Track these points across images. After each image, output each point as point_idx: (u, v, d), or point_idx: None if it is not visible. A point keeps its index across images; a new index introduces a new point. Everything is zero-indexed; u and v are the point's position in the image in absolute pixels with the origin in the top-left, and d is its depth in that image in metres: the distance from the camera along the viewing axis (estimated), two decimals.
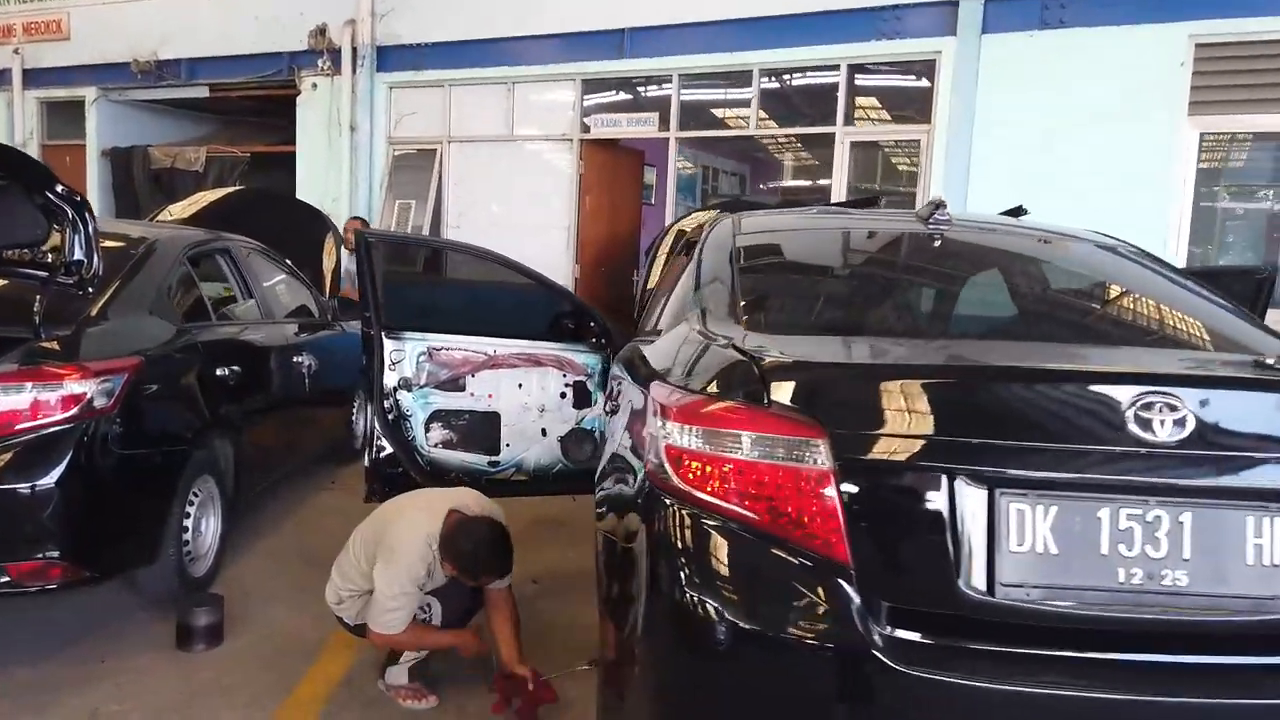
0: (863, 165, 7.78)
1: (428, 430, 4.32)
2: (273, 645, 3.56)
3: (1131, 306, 2.50)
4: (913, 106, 7.65)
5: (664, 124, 8.62)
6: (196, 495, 3.92)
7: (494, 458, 4.40)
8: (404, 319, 4.39)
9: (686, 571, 1.80)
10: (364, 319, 4.18)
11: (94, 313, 3.56)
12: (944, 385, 1.85)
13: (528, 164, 9.23)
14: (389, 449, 4.22)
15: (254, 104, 11.92)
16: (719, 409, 1.81)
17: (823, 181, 8.56)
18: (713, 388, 1.86)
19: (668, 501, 1.87)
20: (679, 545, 1.83)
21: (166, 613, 3.65)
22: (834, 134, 7.58)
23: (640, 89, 9.07)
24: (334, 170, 10.17)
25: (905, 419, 1.73)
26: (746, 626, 1.73)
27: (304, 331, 5.65)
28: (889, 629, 1.69)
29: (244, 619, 3.74)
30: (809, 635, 1.71)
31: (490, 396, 4.37)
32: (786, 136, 11.69)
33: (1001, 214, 3.49)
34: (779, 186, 15.39)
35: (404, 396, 4.25)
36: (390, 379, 4.22)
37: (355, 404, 6.72)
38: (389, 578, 2.99)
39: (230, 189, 8.82)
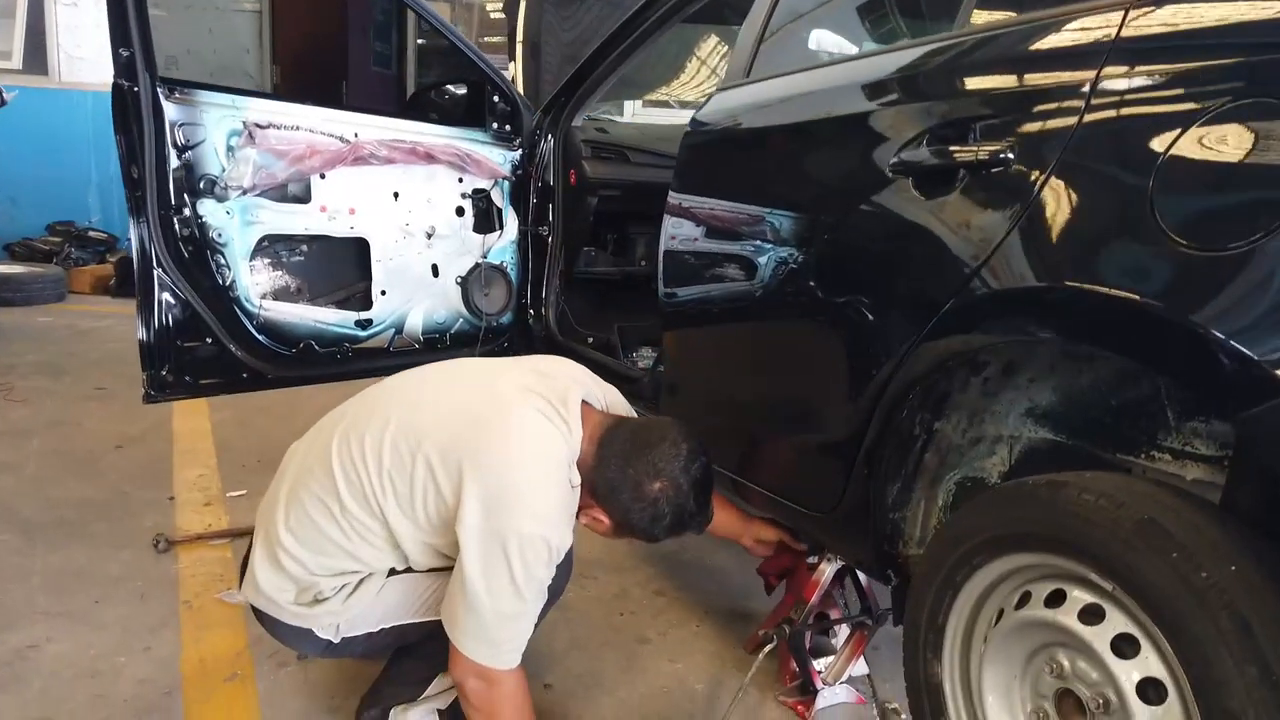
0: None
1: (253, 270, 2.48)
2: None
3: None
4: None
5: None
6: None
7: (364, 314, 2.68)
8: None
9: None
10: (116, 58, 2.18)
11: None
12: None
13: None
14: (182, 306, 2.34)
15: None
16: None
17: None
18: None
19: None
20: None
21: None
22: None
23: None
24: None
25: None
26: None
27: None
28: None
29: None
30: None
31: (352, 213, 2.62)
32: None
33: None
34: None
35: (209, 210, 2.35)
36: (179, 176, 2.30)
37: None
38: (510, 568, 1.36)
39: None
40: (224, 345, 2.40)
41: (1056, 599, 1.25)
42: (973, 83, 1.42)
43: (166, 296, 2.31)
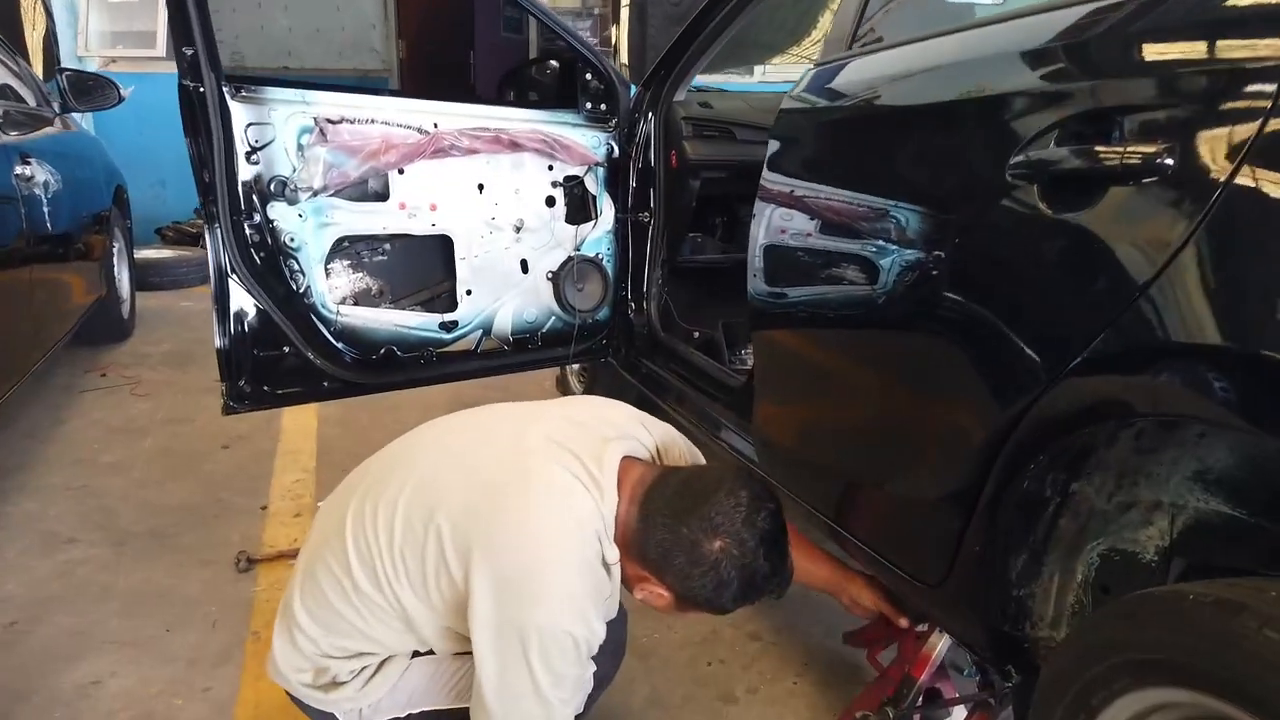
0: None
1: (329, 274, 2.37)
2: None
3: None
4: None
5: None
6: None
7: (449, 316, 2.53)
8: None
9: None
10: (180, 58, 2.08)
11: None
12: None
13: None
14: (258, 314, 2.25)
15: None
16: None
17: None
18: None
19: None
20: None
21: None
22: None
23: None
24: None
25: None
26: None
27: (16, 128, 3.27)
28: None
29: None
30: None
31: (433, 209, 2.46)
32: None
33: None
34: None
35: (280, 214, 2.24)
36: (249, 179, 2.19)
37: (115, 245, 4.38)
38: (530, 670, 1.18)
39: None
40: (301, 353, 2.31)
41: None
42: (1124, 58, 1.08)
43: (241, 305, 2.22)
